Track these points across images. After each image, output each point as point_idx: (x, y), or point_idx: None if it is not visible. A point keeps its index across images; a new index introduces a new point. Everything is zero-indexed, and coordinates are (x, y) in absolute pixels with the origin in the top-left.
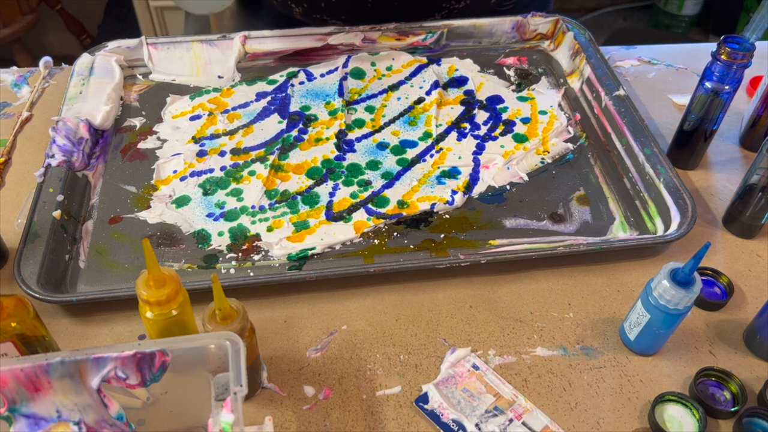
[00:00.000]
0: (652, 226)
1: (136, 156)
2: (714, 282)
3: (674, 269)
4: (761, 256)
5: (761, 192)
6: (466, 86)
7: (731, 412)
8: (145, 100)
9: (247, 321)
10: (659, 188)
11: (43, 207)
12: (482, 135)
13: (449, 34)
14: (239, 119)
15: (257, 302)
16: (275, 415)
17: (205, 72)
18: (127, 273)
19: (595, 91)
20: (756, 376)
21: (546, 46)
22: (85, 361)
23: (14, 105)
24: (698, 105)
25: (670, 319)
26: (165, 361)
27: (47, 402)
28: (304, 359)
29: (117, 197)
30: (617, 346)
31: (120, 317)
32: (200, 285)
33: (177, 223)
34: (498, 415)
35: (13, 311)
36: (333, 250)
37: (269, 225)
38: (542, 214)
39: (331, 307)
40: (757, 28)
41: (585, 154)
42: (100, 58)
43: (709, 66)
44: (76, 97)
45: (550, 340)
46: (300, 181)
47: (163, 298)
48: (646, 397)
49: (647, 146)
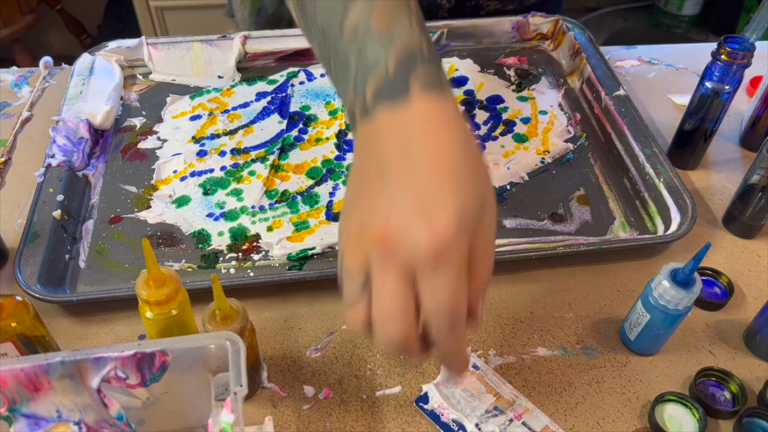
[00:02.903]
0: (652, 226)
1: (136, 156)
2: (714, 282)
3: (674, 270)
4: (761, 256)
5: (761, 192)
6: (466, 86)
7: (731, 412)
8: (145, 100)
9: (247, 321)
10: (659, 188)
11: (43, 207)
12: (482, 135)
13: (449, 34)
14: (239, 119)
15: (257, 302)
16: (275, 415)
17: (206, 72)
18: (127, 273)
19: (595, 91)
20: (756, 376)
21: (546, 46)
22: (85, 361)
23: (14, 105)
24: (698, 105)
25: (671, 320)
26: (165, 361)
27: (47, 402)
28: (304, 359)
29: (117, 197)
30: (617, 346)
31: (120, 317)
32: (200, 285)
33: (177, 223)
34: (498, 415)
35: (13, 311)
36: (333, 250)
37: (269, 225)
38: (542, 214)
39: (331, 307)
40: (757, 28)
41: (585, 154)
42: (101, 58)
43: (709, 66)
44: (76, 97)
45: (550, 340)
46: (300, 181)
47: (162, 298)
48: (646, 397)
49: (647, 146)
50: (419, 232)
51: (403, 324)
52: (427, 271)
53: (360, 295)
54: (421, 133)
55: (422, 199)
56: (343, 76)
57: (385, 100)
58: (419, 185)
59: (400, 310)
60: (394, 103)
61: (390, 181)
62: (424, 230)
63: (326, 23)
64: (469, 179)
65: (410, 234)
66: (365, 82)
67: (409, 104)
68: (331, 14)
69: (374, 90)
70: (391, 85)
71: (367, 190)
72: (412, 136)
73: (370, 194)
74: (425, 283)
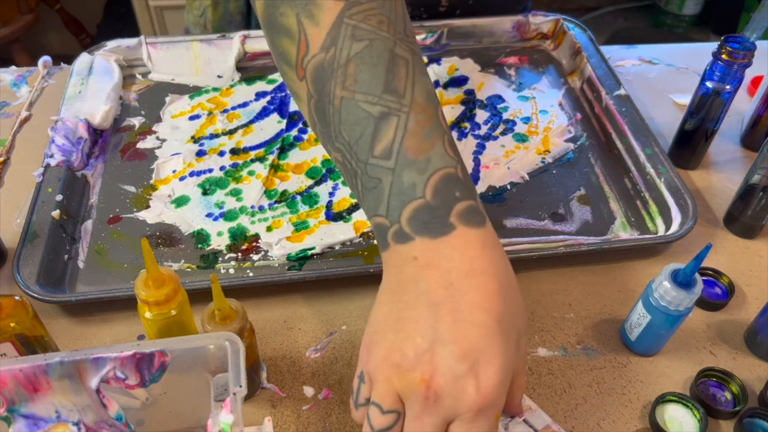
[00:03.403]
0: (652, 226)
1: (135, 156)
2: (715, 282)
3: (675, 270)
4: (762, 257)
5: (762, 192)
6: (467, 86)
7: (732, 413)
8: (144, 99)
9: (246, 321)
10: (660, 188)
11: (42, 207)
12: (483, 135)
13: (449, 34)
14: (239, 119)
15: (257, 302)
16: (275, 415)
17: (205, 71)
18: (126, 273)
19: (595, 91)
20: (757, 377)
21: (546, 46)
22: (84, 362)
23: (13, 105)
24: (699, 105)
25: (671, 320)
26: (164, 362)
27: (46, 402)
28: (303, 359)
29: (116, 197)
30: (618, 347)
31: (119, 317)
32: (199, 285)
33: (176, 223)
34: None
35: (12, 311)
36: (333, 250)
37: (269, 225)
38: (543, 213)
39: (331, 307)
40: (757, 28)
41: (586, 154)
42: (100, 57)
43: (710, 66)
44: (75, 96)
45: (550, 341)
46: (300, 180)
47: (162, 298)
48: (646, 398)
49: (648, 146)
50: (467, 386)
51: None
52: (467, 419)
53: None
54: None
55: (470, 354)
56: (373, 194)
57: (425, 232)
58: (468, 336)
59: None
60: (436, 236)
61: (438, 319)
62: (471, 386)
63: (353, 138)
64: (511, 317)
65: (457, 387)
66: (401, 207)
67: (451, 236)
68: (360, 130)
69: (412, 217)
70: (432, 214)
71: (409, 318)
72: (455, 270)
73: (414, 325)
74: (462, 428)
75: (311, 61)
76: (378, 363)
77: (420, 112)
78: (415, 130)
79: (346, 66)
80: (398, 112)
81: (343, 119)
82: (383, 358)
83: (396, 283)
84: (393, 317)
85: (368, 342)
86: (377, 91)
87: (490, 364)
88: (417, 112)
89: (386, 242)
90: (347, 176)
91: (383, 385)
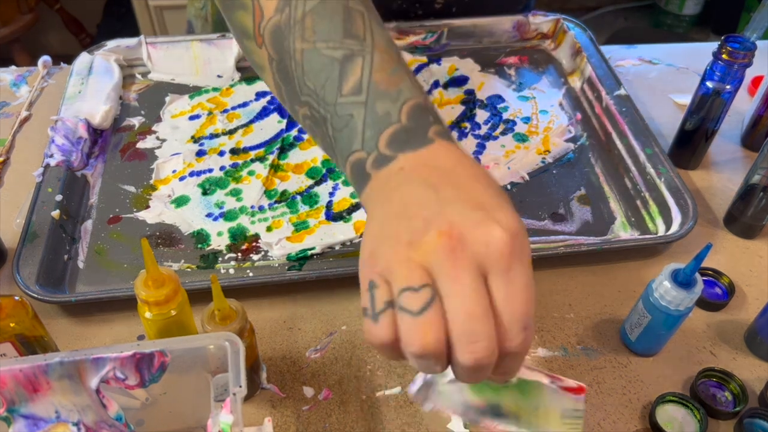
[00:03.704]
0: (653, 226)
1: (135, 156)
2: (715, 282)
3: (675, 270)
4: (762, 257)
5: (762, 192)
6: (467, 86)
7: (732, 413)
8: (144, 99)
9: (246, 321)
10: (660, 188)
11: (42, 207)
12: (483, 134)
13: (449, 34)
14: (238, 119)
15: (257, 302)
16: (274, 416)
17: (205, 71)
18: (126, 273)
19: (596, 91)
20: (757, 377)
21: (547, 46)
22: (84, 362)
23: (13, 104)
24: (699, 105)
25: (672, 320)
26: (164, 362)
27: (46, 402)
28: (303, 360)
29: (116, 197)
30: (618, 347)
31: (119, 317)
32: (199, 285)
33: (176, 223)
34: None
35: (11, 311)
36: (333, 250)
37: (269, 225)
38: (543, 213)
39: (331, 308)
40: (757, 28)
41: (586, 154)
42: (99, 57)
43: (710, 65)
44: (75, 96)
45: (550, 341)
46: (299, 180)
47: (161, 299)
48: (646, 398)
49: (648, 146)
50: (491, 229)
51: (488, 327)
52: (502, 268)
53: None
54: (454, 161)
55: (483, 206)
56: (345, 133)
57: (407, 147)
58: (476, 196)
59: (482, 310)
60: (417, 149)
61: (440, 191)
62: (495, 227)
63: (319, 84)
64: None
65: (480, 231)
66: (378, 135)
67: (432, 146)
68: (326, 75)
69: (390, 140)
70: (410, 134)
71: (408, 203)
72: (444, 165)
73: (416, 206)
74: (500, 280)
75: (267, 26)
76: (389, 255)
77: (383, 52)
78: (382, 67)
79: (303, 21)
80: (362, 53)
81: (306, 70)
82: (393, 246)
83: (385, 197)
84: (392, 214)
85: (368, 254)
86: (338, 37)
87: (505, 211)
88: (380, 51)
89: (366, 175)
90: (316, 129)
91: (404, 267)
